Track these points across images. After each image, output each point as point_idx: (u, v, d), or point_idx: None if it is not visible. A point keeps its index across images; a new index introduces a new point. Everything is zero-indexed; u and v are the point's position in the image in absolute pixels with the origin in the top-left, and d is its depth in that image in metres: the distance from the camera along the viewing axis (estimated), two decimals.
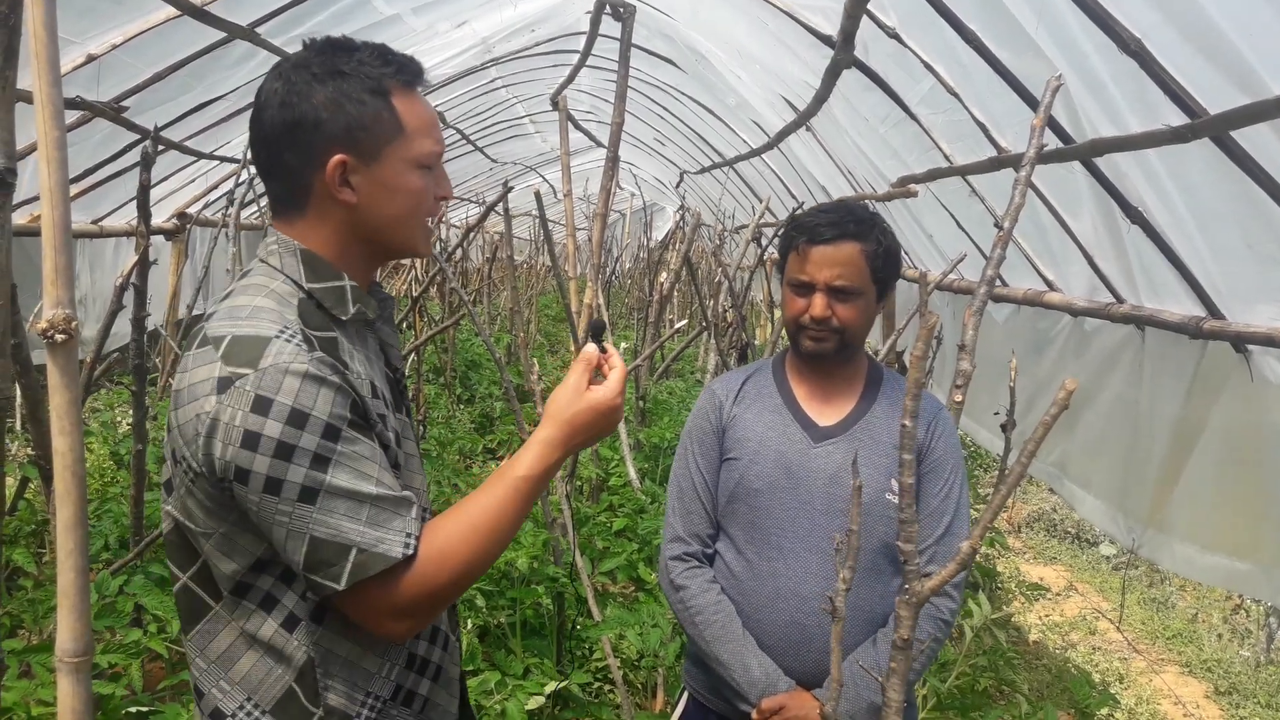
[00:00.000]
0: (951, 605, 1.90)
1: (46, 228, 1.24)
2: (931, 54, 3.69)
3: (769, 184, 8.21)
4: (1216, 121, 2.28)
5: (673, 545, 2.02)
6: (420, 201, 1.32)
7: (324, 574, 1.19)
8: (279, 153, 1.27)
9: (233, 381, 1.16)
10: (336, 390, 1.20)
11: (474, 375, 7.96)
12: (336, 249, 1.31)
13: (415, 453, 1.43)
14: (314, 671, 1.28)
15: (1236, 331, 2.69)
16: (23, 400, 2.60)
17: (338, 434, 1.19)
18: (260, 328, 1.21)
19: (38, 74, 1.22)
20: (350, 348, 1.30)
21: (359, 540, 1.18)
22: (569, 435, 1.34)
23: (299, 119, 1.24)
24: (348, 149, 1.25)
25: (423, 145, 1.31)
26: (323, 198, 1.28)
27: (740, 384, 2.06)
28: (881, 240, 1.90)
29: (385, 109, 1.27)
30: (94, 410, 5.73)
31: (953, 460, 1.93)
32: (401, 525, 1.22)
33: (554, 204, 13.65)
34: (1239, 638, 5.96)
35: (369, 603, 1.22)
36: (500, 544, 1.29)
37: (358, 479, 1.20)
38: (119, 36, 4.00)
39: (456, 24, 6.28)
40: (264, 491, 1.17)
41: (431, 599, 1.24)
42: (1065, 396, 1.23)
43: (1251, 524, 2.77)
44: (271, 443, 1.15)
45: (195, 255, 7.27)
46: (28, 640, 2.82)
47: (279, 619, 1.27)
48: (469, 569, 1.26)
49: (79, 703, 1.31)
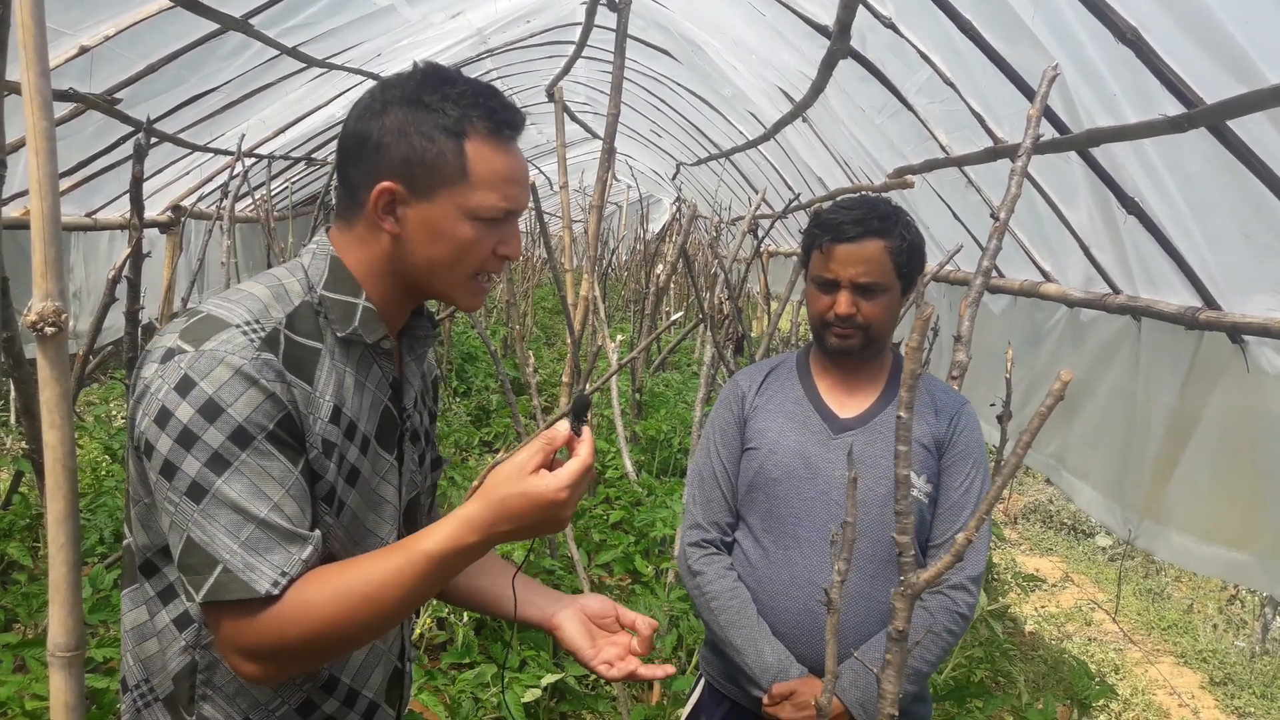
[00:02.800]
0: (969, 599, 1.90)
1: (35, 219, 1.23)
2: (928, 44, 3.68)
3: (765, 175, 8.20)
4: (1213, 111, 2.28)
5: (691, 532, 2.06)
6: (466, 253, 1.25)
7: (189, 579, 1.12)
8: (348, 162, 1.25)
9: (174, 354, 1.13)
10: (267, 397, 1.13)
11: (470, 368, 7.96)
12: (370, 271, 1.27)
13: (392, 500, 1.32)
14: (193, 677, 1.22)
15: (1232, 322, 2.69)
16: (16, 394, 2.59)
17: (248, 440, 1.12)
18: (231, 313, 1.17)
19: (26, 65, 1.21)
20: (337, 366, 1.23)
21: (228, 559, 1.10)
22: (493, 520, 1.14)
23: (366, 136, 1.22)
24: (401, 180, 1.21)
25: (485, 198, 1.23)
26: (371, 219, 1.24)
27: (764, 376, 2.09)
28: (905, 235, 1.90)
29: (453, 151, 1.21)
30: (88, 404, 5.73)
31: (974, 455, 1.94)
32: (281, 561, 1.12)
33: (550, 196, 13.62)
34: (1234, 628, 5.97)
35: (219, 628, 1.14)
36: (376, 616, 1.13)
37: (251, 496, 1.11)
38: (112, 28, 3.98)
39: (451, 15, 6.26)
40: (160, 473, 1.12)
41: (280, 650, 1.13)
42: (1061, 387, 1.23)
43: (1248, 514, 2.78)
44: (179, 426, 1.11)
45: (190, 248, 7.26)
46: (22, 635, 2.81)
47: (173, 614, 1.22)
48: (327, 631, 1.12)
49: (71, 697, 1.30)
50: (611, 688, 3.37)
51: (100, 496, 3.65)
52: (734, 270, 5.81)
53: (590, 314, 3.40)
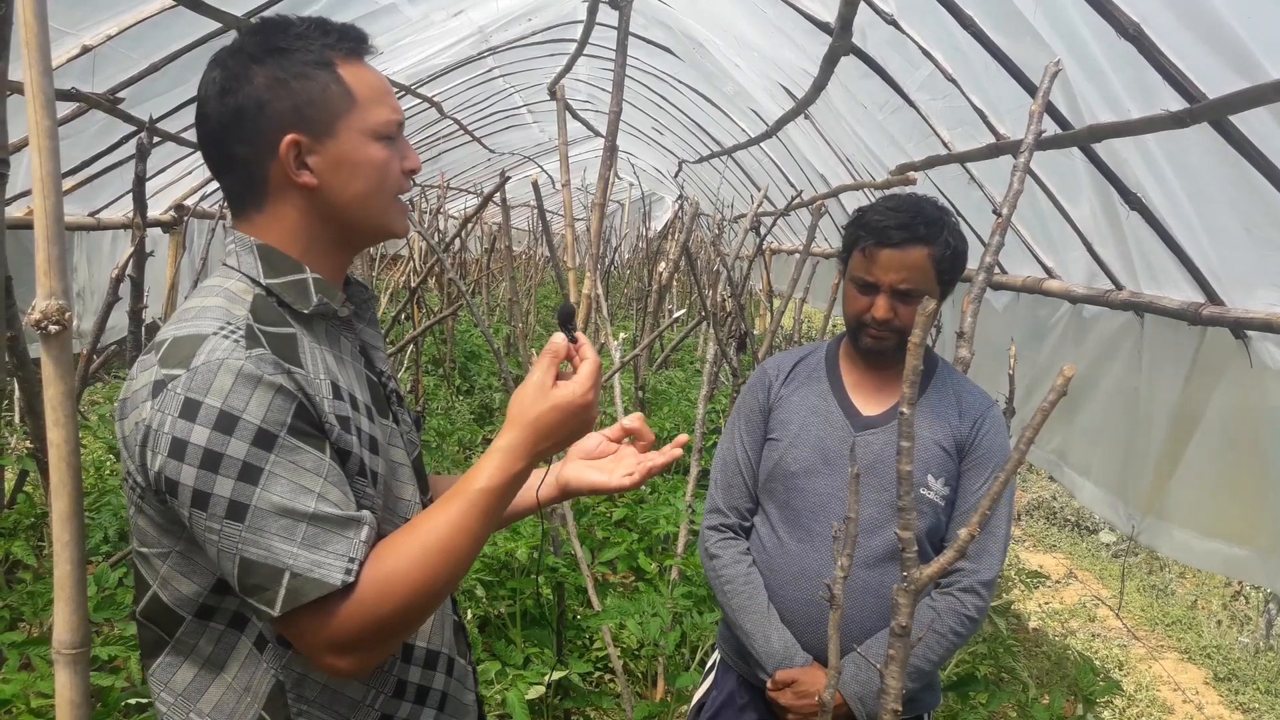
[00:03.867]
0: (979, 603, 1.89)
1: (39, 218, 1.23)
2: (930, 40, 3.68)
3: (767, 173, 8.20)
4: (1215, 106, 2.28)
5: (711, 516, 2.09)
6: (384, 173, 1.22)
7: (259, 598, 1.07)
8: (228, 146, 1.17)
9: (165, 384, 1.07)
10: (276, 391, 1.08)
11: (473, 366, 7.96)
12: (301, 241, 1.21)
13: (405, 462, 1.31)
14: (284, 696, 1.18)
15: (1235, 317, 2.69)
16: (20, 393, 2.60)
17: (273, 441, 1.07)
18: (200, 326, 1.11)
19: (28, 64, 1.21)
20: (314, 346, 1.19)
21: (293, 564, 1.06)
22: (534, 440, 1.19)
23: (242, 105, 1.15)
24: (299, 128, 1.16)
25: (379, 114, 1.21)
26: (281, 187, 1.18)
27: (792, 365, 2.09)
28: (950, 242, 1.88)
29: (332, 80, 1.18)
30: (93, 404, 5.74)
31: (997, 459, 1.92)
32: (344, 548, 1.09)
33: (552, 194, 13.62)
34: (1238, 624, 5.97)
35: (305, 633, 1.09)
36: (458, 565, 1.14)
37: (295, 493, 1.07)
38: (114, 27, 3.99)
39: (453, 13, 6.26)
40: (192, 506, 1.06)
41: (376, 631, 1.10)
42: (1064, 382, 1.23)
43: (1250, 510, 2.78)
44: (199, 451, 1.05)
45: (193, 247, 7.27)
46: (28, 633, 2.82)
47: (251, 638, 1.17)
48: (419, 595, 1.11)
49: (76, 694, 1.31)
50: (615, 685, 3.38)
51: (105, 495, 3.65)
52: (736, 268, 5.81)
53: (593, 312, 3.40)
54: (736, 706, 2.07)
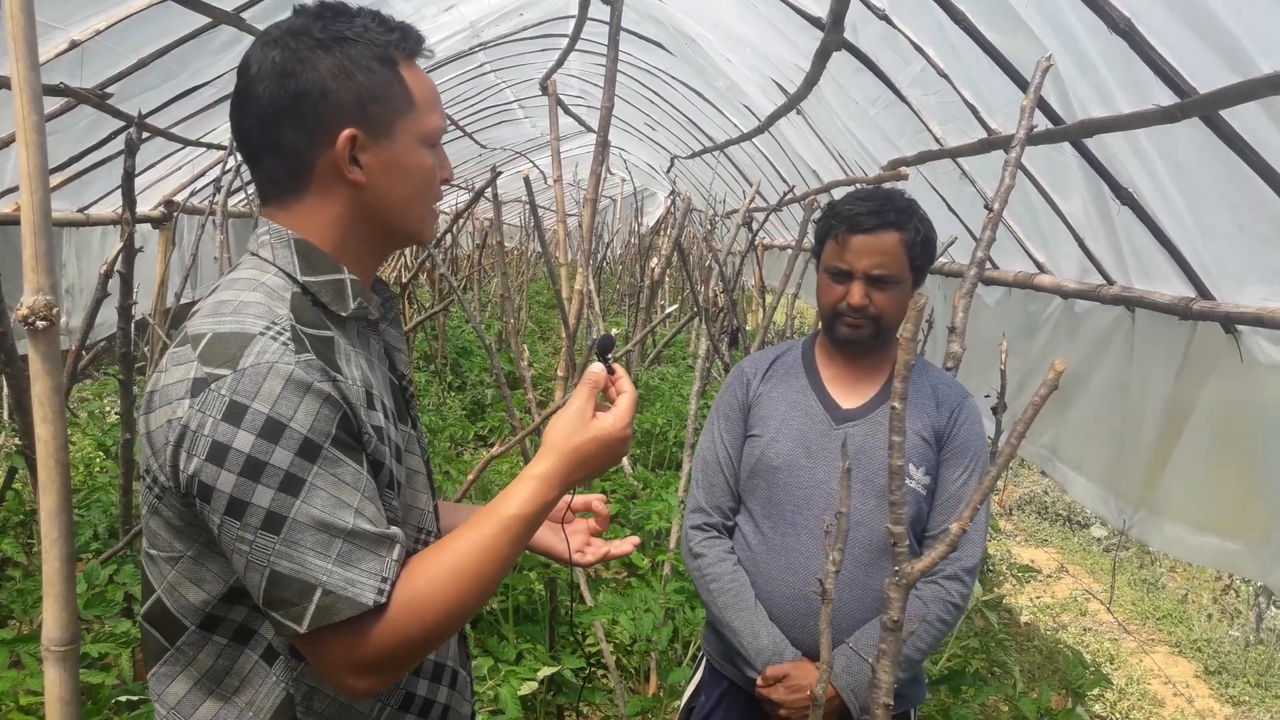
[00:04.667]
0: (962, 589, 1.93)
1: (26, 213, 1.23)
2: (921, 35, 3.67)
3: (759, 168, 8.19)
4: (1206, 101, 2.28)
5: (694, 515, 2.09)
6: (430, 181, 1.20)
7: (284, 613, 1.04)
8: (278, 129, 1.12)
9: (208, 384, 1.03)
10: (323, 401, 1.05)
11: (465, 362, 7.95)
12: (336, 238, 1.17)
13: (421, 469, 1.29)
14: (293, 710, 1.15)
15: (1226, 312, 2.70)
16: (8, 390, 2.59)
17: (317, 453, 1.04)
18: (244, 324, 1.07)
19: (15, 57, 1.20)
20: (348, 349, 1.16)
21: (326, 580, 1.03)
22: (570, 470, 1.19)
23: (304, 90, 1.10)
24: (359, 123, 1.12)
25: (432, 120, 1.19)
26: (326, 179, 1.14)
27: (769, 363, 2.11)
28: (920, 229, 1.92)
29: (395, 79, 1.14)
30: (81, 400, 5.71)
31: (974, 448, 1.96)
32: (377, 567, 1.06)
33: (544, 190, 13.60)
34: (1228, 618, 6.00)
35: (329, 652, 1.06)
36: (486, 589, 1.13)
37: (334, 508, 1.05)
38: (102, 22, 3.96)
39: (444, 8, 6.24)
40: (225, 514, 1.03)
41: (404, 651, 1.09)
42: (1055, 377, 1.23)
43: (1241, 504, 2.79)
44: (240, 458, 1.01)
45: (183, 243, 7.24)
46: (17, 630, 2.81)
47: (257, 652, 1.14)
48: (448, 618, 1.10)
49: (66, 691, 1.30)
50: (608, 680, 3.38)
51: (94, 492, 3.64)
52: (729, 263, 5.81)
53: (585, 308, 3.39)
54: (724, 711, 2.07)
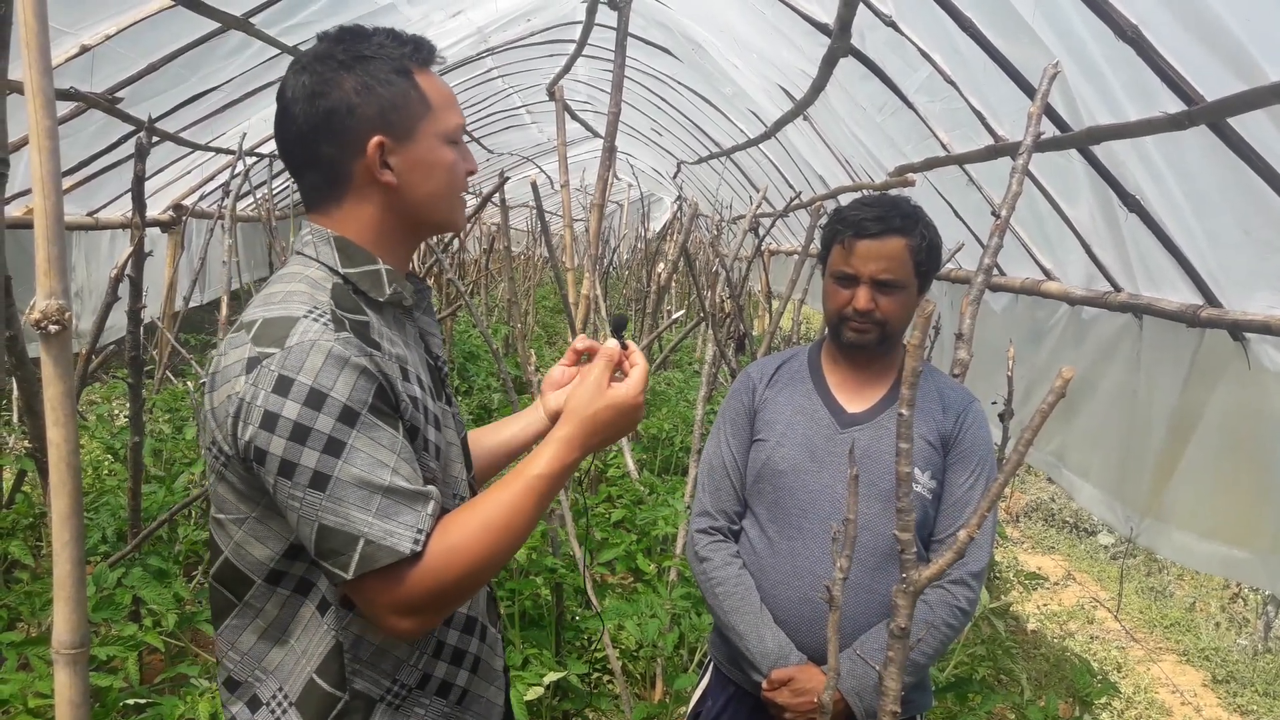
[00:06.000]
0: (969, 595, 1.92)
1: (39, 217, 1.23)
2: (928, 42, 3.68)
3: (766, 174, 8.20)
4: (1214, 108, 2.28)
5: (700, 519, 2.10)
6: (454, 174, 1.34)
7: (333, 562, 1.18)
8: (315, 145, 1.27)
9: (260, 361, 1.17)
10: (360, 373, 1.19)
11: (471, 367, 7.95)
12: (373, 234, 1.32)
13: (456, 442, 1.41)
14: (341, 657, 1.28)
15: (1234, 319, 2.69)
16: (19, 393, 2.60)
17: (355, 418, 1.17)
18: (290, 309, 1.21)
19: (28, 63, 1.21)
20: (384, 330, 1.29)
21: (367, 531, 1.17)
22: (588, 434, 1.34)
23: (333, 108, 1.26)
24: (384, 130, 1.27)
25: (450, 119, 1.33)
26: (362, 184, 1.29)
27: (775, 368, 2.12)
28: (925, 235, 1.93)
29: (411, 87, 1.29)
30: (90, 403, 5.73)
31: (980, 453, 1.96)
32: (413, 520, 1.19)
33: (551, 195, 13.62)
34: (1236, 626, 5.97)
35: (374, 596, 1.20)
36: (513, 542, 1.26)
37: (373, 467, 1.18)
38: (113, 27, 3.98)
39: (452, 14, 6.26)
40: (279, 474, 1.16)
41: (439, 596, 1.22)
42: (1063, 384, 1.23)
43: (1249, 511, 2.78)
44: (288, 424, 1.15)
45: (191, 247, 7.26)
46: (26, 633, 2.82)
47: (314, 603, 1.27)
48: (479, 567, 1.23)
49: (76, 694, 1.31)
50: (613, 686, 3.37)
51: (103, 495, 3.64)
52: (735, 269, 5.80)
53: (591, 312, 3.40)
54: (730, 715, 2.07)
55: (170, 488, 3.69)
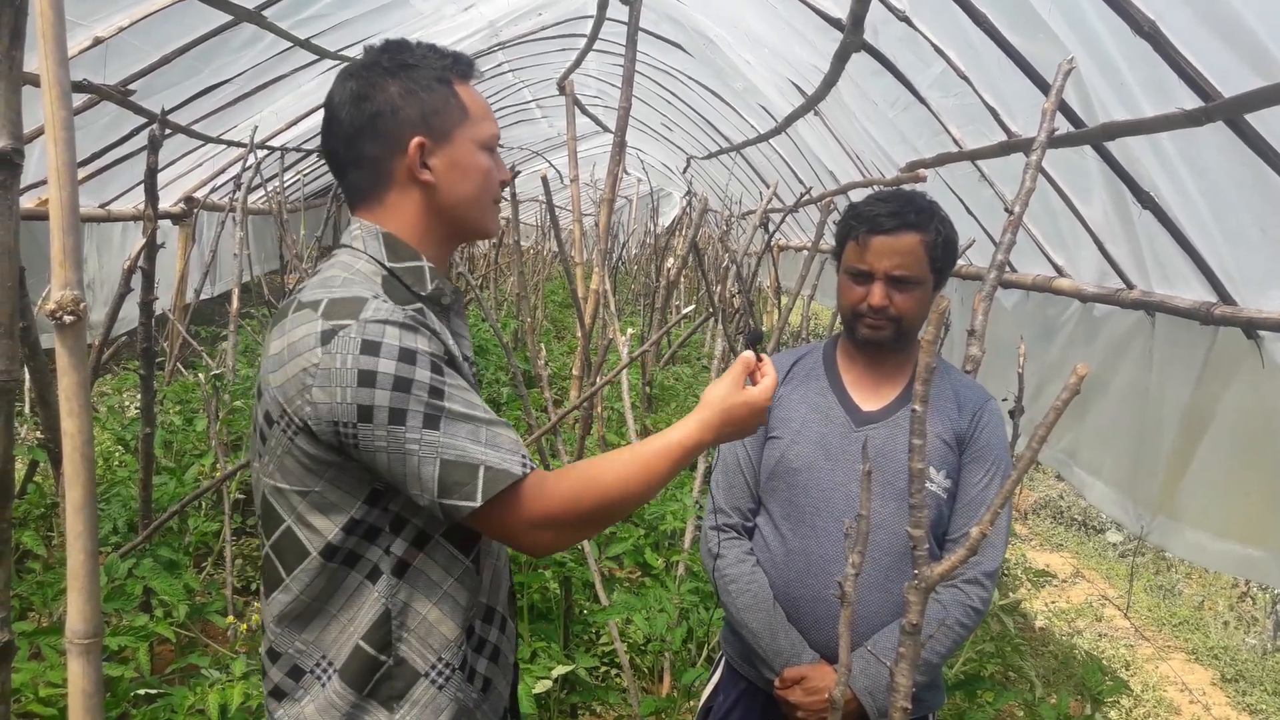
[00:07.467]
0: (983, 594, 1.91)
1: (54, 208, 1.23)
2: (942, 37, 3.66)
3: (776, 169, 8.18)
4: (1231, 104, 2.26)
5: (714, 516, 2.09)
6: (489, 180, 1.42)
7: (459, 494, 1.25)
8: (360, 146, 1.36)
9: (336, 332, 1.25)
10: (431, 338, 1.29)
11: (481, 361, 7.95)
12: (416, 231, 1.40)
13: None
14: (389, 623, 1.34)
15: (1248, 317, 2.68)
16: (31, 383, 2.61)
17: (442, 370, 1.28)
18: (356, 291, 1.30)
19: (44, 54, 1.21)
20: (431, 324, 1.37)
21: (484, 459, 1.26)
22: (722, 423, 1.47)
23: (378, 110, 1.35)
24: (425, 132, 1.36)
25: (486, 128, 1.42)
26: (403, 182, 1.38)
27: (790, 365, 2.11)
28: (941, 230, 1.92)
29: (451, 95, 1.38)
30: (101, 395, 5.75)
31: (996, 452, 1.94)
32: (514, 446, 1.30)
33: (561, 189, 13.61)
34: (1245, 625, 5.95)
35: (503, 518, 1.29)
36: (641, 492, 1.37)
37: (470, 407, 1.29)
38: (126, 19, 3.99)
39: (463, 7, 6.26)
40: (390, 424, 1.24)
41: (573, 513, 1.32)
42: (1076, 382, 1.22)
43: (1263, 510, 2.76)
44: (389, 378, 1.24)
45: (202, 239, 7.28)
46: (38, 623, 2.83)
47: (362, 573, 1.33)
48: (609, 500, 1.34)
49: (89, 684, 1.31)
50: (621, 680, 3.38)
51: (114, 486, 3.66)
52: (745, 264, 5.80)
53: (601, 307, 3.39)
54: (742, 711, 2.07)
55: (181, 479, 3.70)
